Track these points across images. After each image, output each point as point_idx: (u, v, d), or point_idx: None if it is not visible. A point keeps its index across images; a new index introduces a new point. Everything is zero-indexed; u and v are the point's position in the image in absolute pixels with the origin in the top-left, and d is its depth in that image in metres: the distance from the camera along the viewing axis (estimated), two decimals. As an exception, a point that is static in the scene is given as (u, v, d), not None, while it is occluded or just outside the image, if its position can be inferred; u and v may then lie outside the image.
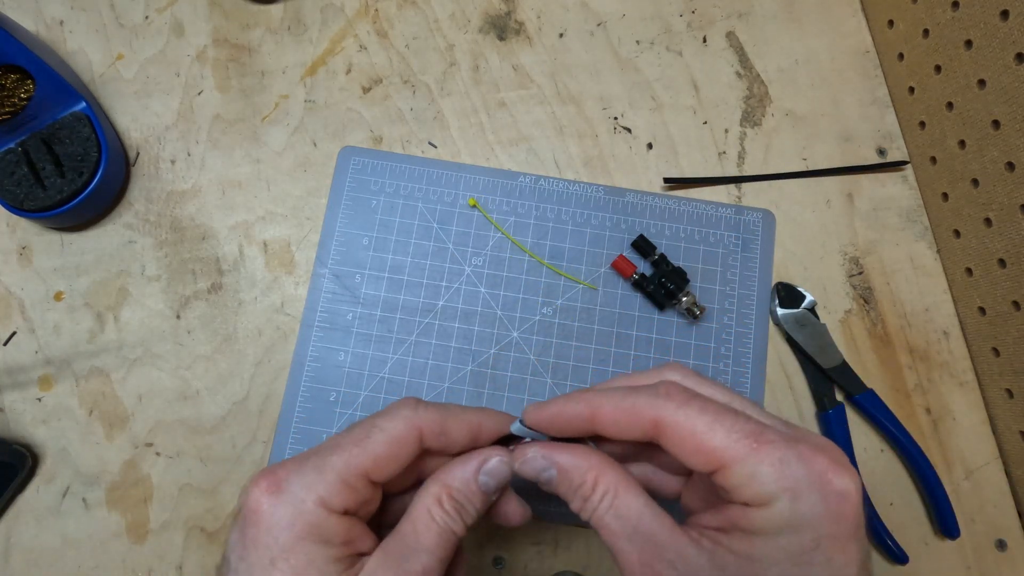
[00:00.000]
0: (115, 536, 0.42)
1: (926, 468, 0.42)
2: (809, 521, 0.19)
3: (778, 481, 0.20)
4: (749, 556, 0.20)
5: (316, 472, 0.22)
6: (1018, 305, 0.41)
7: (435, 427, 0.24)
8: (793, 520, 0.20)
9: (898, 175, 0.48)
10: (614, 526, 0.22)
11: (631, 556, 0.22)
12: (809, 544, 0.19)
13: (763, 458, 0.20)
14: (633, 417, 0.22)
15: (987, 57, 0.40)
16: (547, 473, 0.24)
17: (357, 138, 0.48)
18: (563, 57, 0.50)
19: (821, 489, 0.20)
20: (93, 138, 0.44)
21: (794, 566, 0.19)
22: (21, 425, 0.43)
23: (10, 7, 0.49)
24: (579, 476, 0.23)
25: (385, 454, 0.23)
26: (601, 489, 0.23)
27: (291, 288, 0.46)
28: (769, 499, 0.20)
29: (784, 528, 0.20)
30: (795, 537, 0.19)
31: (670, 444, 0.22)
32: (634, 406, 0.22)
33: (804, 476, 0.20)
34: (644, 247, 0.45)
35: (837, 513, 0.20)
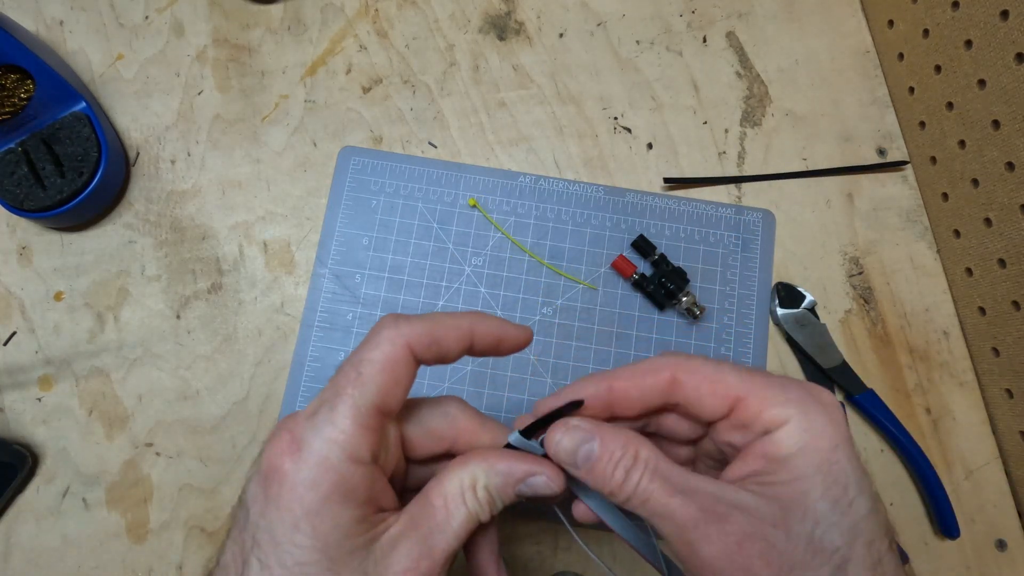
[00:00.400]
0: (115, 536, 0.42)
1: (926, 468, 0.42)
2: (822, 430, 0.22)
3: (787, 402, 0.22)
4: (791, 480, 0.22)
5: (330, 424, 0.21)
6: (1018, 305, 0.41)
7: (424, 339, 0.23)
8: (810, 431, 0.22)
9: (898, 175, 0.48)
10: (663, 490, 0.22)
11: (688, 511, 0.22)
12: (829, 449, 0.22)
13: (769, 386, 0.23)
14: (650, 379, 0.24)
15: (987, 57, 0.40)
16: (589, 445, 0.23)
17: (357, 138, 0.48)
18: (563, 57, 0.50)
19: (819, 403, 0.23)
20: (93, 138, 0.44)
21: (825, 473, 0.21)
22: (21, 425, 0.43)
23: (10, 7, 0.49)
24: (620, 448, 0.23)
25: (386, 382, 0.22)
26: (643, 458, 0.23)
27: (291, 288, 0.46)
28: (785, 418, 0.22)
29: (806, 441, 0.22)
30: (817, 445, 0.22)
31: (687, 395, 0.24)
32: (649, 369, 0.24)
33: (804, 396, 0.23)
34: (644, 247, 0.45)
35: (838, 420, 0.23)
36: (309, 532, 0.20)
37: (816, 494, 0.21)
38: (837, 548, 0.21)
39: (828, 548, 0.21)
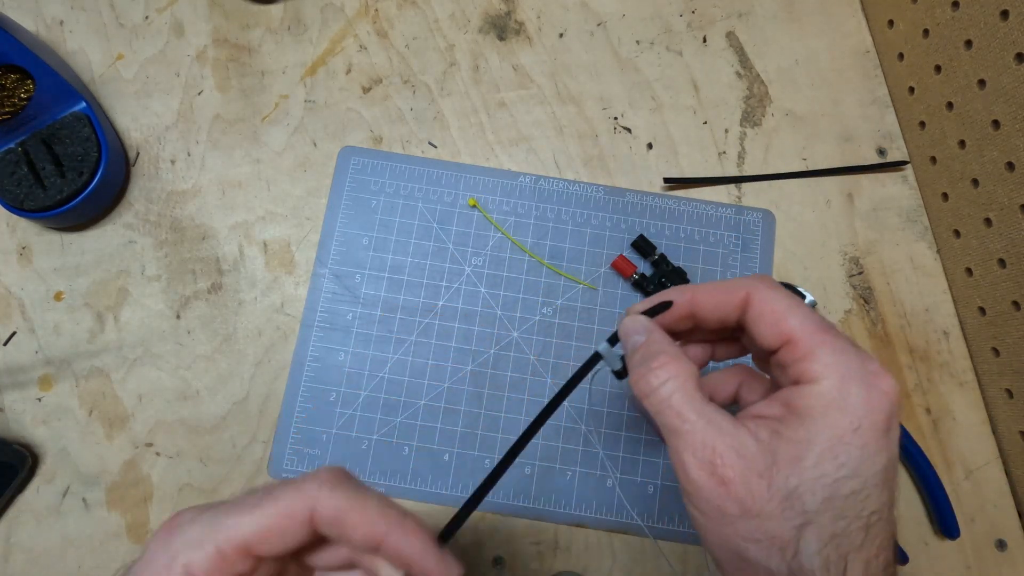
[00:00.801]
0: (115, 536, 0.42)
1: (926, 468, 0.42)
2: (852, 406, 0.22)
3: (832, 364, 0.23)
4: (796, 438, 0.22)
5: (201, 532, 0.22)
6: (1018, 305, 0.41)
7: (331, 513, 0.22)
8: (838, 401, 0.22)
9: (898, 175, 0.48)
10: (680, 405, 0.24)
11: (695, 435, 0.23)
12: (848, 427, 0.22)
13: (825, 343, 0.23)
14: (728, 293, 0.26)
15: (987, 57, 0.40)
16: (636, 337, 0.26)
17: (357, 138, 0.48)
18: (563, 57, 0.50)
19: (867, 382, 0.23)
20: (93, 138, 0.44)
21: (834, 445, 0.22)
22: (21, 425, 0.43)
23: (10, 7, 0.49)
24: (659, 346, 0.25)
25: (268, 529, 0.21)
26: (675, 371, 0.24)
27: (291, 288, 0.46)
28: (821, 376, 0.23)
29: (829, 408, 0.22)
30: (839, 417, 0.22)
31: (752, 316, 0.25)
32: (730, 285, 0.26)
33: (855, 368, 0.23)
34: (644, 247, 0.45)
35: (877, 406, 0.22)
36: None
37: (811, 460, 0.22)
38: (804, 511, 0.22)
39: (797, 507, 0.22)
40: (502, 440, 0.43)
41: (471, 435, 0.43)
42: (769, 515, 0.22)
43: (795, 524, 0.22)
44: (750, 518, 0.22)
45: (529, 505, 0.42)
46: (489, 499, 0.42)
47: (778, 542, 0.22)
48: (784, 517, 0.22)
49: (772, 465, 0.22)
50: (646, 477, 0.43)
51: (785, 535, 0.22)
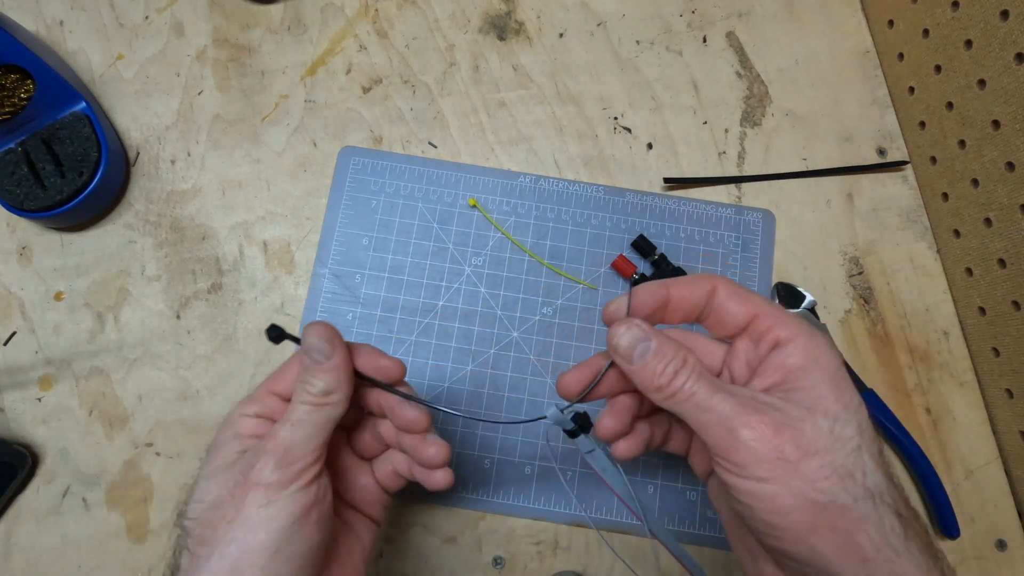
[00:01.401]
0: (115, 536, 0.42)
1: (926, 468, 0.42)
2: (827, 351, 0.26)
3: (794, 325, 0.27)
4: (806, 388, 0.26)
5: (244, 399, 0.30)
6: (1018, 305, 0.41)
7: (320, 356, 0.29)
8: (817, 350, 0.26)
9: (898, 175, 0.48)
10: (707, 389, 0.26)
11: (730, 404, 0.25)
12: (835, 367, 0.26)
13: (781, 311, 0.28)
14: (697, 285, 0.29)
15: (987, 57, 0.40)
16: (644, 344, 0.27)
17: (357, 138, 0.48)
18: (563, 57, 0.50)
19: (821, 335, 0.27)
20: (93, 138, 0.44)
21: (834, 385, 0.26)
22: (21, 425, 0.43)
23: (10, 7, 0.49)
24: (672, 351, 0.27)
25: (278, 375, 0.30)
26: (691, 362, 0.27)
27: (291, 288, 0.46)
28: (793, 335, 0.26)
29: (815, 357, 0.26)
30: (825, 362, 0.26)
31: (720, 301, 0.28)
32: (698, 277, 0.29)
33: (807, 325, 0.27)
34: (644, 247, 0.45)
35: (834, 349, 0.27)
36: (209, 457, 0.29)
37: (831, 399, 0.25)
38: (851, 437, 0.25)
39: (844, 437, 0.25)
40: (502, 440, 0.43)
41: (471, 435, 0.43)
42: (827, 448, 0.24)
43: (850, 449, 0.24)
44: (812, 456, 0.24)
45: (529, 505, 0.42)
46: (489, 499, 0.42)
47: (845, 470, 0.24)
48: (840, 446, 0.24)
49: (808, 412, 0.25)
50: (646, 477, 0.43)
51: (848, 462, 0.24)
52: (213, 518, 0.26)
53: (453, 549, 0.42)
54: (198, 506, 0.27)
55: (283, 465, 0.26)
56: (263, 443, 0.27)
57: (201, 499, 0.27)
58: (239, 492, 0.26)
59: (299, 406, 0.28)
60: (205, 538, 0.26)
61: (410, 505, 0.42)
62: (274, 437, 0.27)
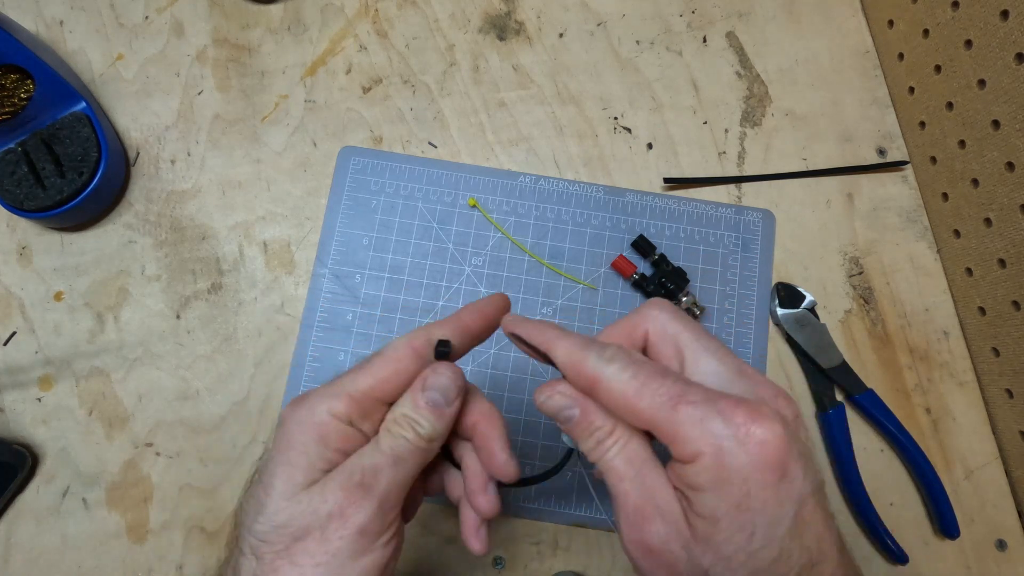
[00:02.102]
0: (115, 536, 0.42)
1: (926, 468, 0.42)
2: (737, 472, 0.21)
3: (700, 438, 0.22)
4: (701, 514, 0.22)
5: (330, 392, 0.26)
6: (1018, 305, 0.41)
7: (422, 340, 0.27)
8: (722, 474, 0.21)
9: (898, 175, 0.48)
10: (622, 470, 0.24)
11: (630, 499, 0.23)
12: (740, 495, 0.21)
13: (683, 419, 0.22)
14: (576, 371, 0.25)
15: (987, 57, 0.40)
16: (569, 411, 0.25)
17: (357, 138, 0.48)
18: (563, 57, 0.50)
19: (742, 441, 0.21)
20: (93, 138, 0.44)
21: (735, 518, 0.21)
22: (21, 425, 0.43)
23: (10, 7, 0.49)
24: (600, 419, 0.25)
25: (385, 374, 0.26)
26: (617, 434, 0.24)
27: (291, 288, 0.46)
28: (696, 455, 0.22)
29: (715, 482, 0.21)
30: (728, 489, 0.21)
31: (605, 405, 0.24)
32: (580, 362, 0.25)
33: (725, 432, 0.21)
34: (644, 247, 0.45)
35: (760, 461, 0.21)
36: (291, 456, 0.25)
37: (722, 536, 0.21)
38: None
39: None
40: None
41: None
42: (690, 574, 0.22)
43: None
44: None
45: (529, 505, 0.42)
46: (489, 499, 0.42)
47: None
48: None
49: (690, 540, 0.22)
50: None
51: None
52: (295, 551, 0.24)
53: (453, 549, 0.42)
54: (275, 528, 0.24)
55: (382, 511, 0.25)
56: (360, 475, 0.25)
57: (280, 522, 0.24)
58: (333, 531, 0.24)
59: (401, 441, 0.26)
60: (280, 570, 0.23)
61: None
62: (376, 473, 0.25)
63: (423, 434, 0.26)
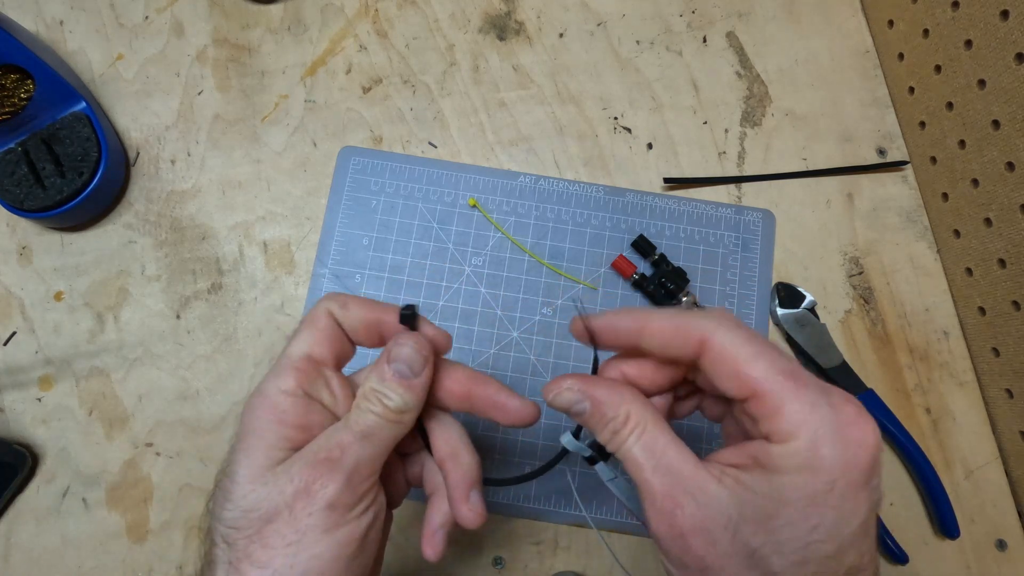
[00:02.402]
0: (115, 536, 0.42)
1: (926, 468, 0.42)
2: (827, 464, 0.21)
3: (804, 421, 0.21)
4: (766, 494, 0.21)
5: (274, 372, 0.26)
6: (1018, 305, 0.41)
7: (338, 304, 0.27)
8: (811, 461, 0.21)
9: (898, 175, 0.48)
10: (641, 459, 0.23)
11: (654, 487, 0.23)
12: (823, 487, 0.21)
13: (796, 396, 0.21)
14: (681, 333, 0.24)
15: (987, 57, 0.40)
16: (580, 405, 0.25)
17: (357, 138, 0.48)
18: (563, 57, 0.50)
19: (842, 436, 0.21)
20: (93, 138, 0.44)
21: (806, 507, 0.21)
22: (21, 425, 0.43)
23: (10, 7, 0.49)
24: (612, 410, 0.24)
25: (314, 337, 0.27)
26: (632, 423, 0.24)
27: (291, 288, 0.46)
28: (791, 436, 0.21)
29: (802, 467, 0.21)
30: (811, 478, 0.21)
31: (711, 365, 0.23)
32: (685, 323, 0.24)
33: (829, 421, 0.21)
34: (644, 247, 0.45)
35: (853, 461, 0.21)
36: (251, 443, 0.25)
37: (781, 521, 0.21)
38: (772, 573, 0.21)
39: (762, 567, 0.21)
40: (501, 440, 0.43)
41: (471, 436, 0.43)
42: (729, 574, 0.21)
43: None
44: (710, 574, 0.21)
45: (529, 505, 0.42)
46: (489, 499, 0.42)
47: None
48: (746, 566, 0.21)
49: (737, 519, 0.21)
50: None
51: None
52: (265, 533, 0.23)
53: (453, 549, 0.42)
54: (243, 513, 0.24)
55: (351, 484, 0.24)
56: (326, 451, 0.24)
57: (247, 507, 0.24)
58: (300, 508, 0.23)
59: (369, 416, 0.25)
60: (253, 555, 0.23)
61: (409, 505, 0.42)
62: (342, 449, 0.24)
63: (392, 406, 0.25)
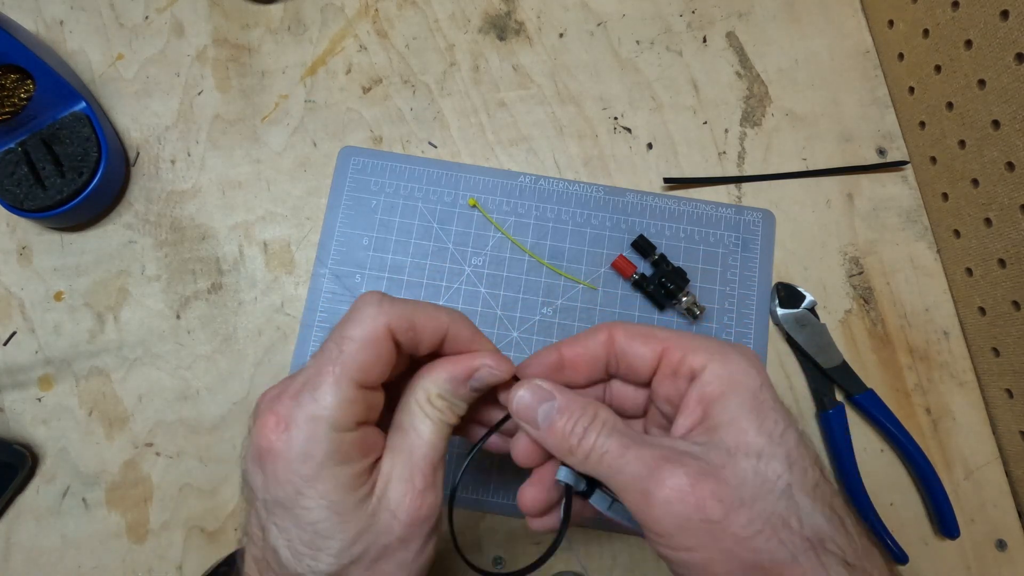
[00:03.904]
0: (115, 536, 0.42)
1: (926, 468, 0.42)
2: (745, 371, 0.24)
3: (706, 349, 0.25)
4: (726, 423, 0.23)
5: (313, 402, 0.23)
6: (1018, 305, 0.41)
7: (403, 323, 0.25)
8: (733, 372, 0.24)
9: (898, 175, 0.48)
10: (619, 445, 0.24)
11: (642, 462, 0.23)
12: (756, 388, 0.24)
13: (691, 338, 0.26)
14: (591, 341, 0.27)
15: (987, 57, 0.40)
16: (548, 404, 0.25)
17: (357, 138, 0.48)
18: (563, 57, 0.50)
19: (736, 351, 0.25)
20: (93, 138, 0.44)
21: (757, 411, 0.23)
22: (21, 425, 0.43)
23: (10, 7, 0.49)
24: (580, 408, 0.25)
25: (367, 359, 0.24)
26: (601, 417, 0.25)
27: (291, 288, 0.46)
28: (706, 361, 0.24)
29: (733, 381, 0.24)
30: (744, 385, 0.24)
31: (622, 347, 0.27)
32: (588, 333, 0.28)
33: (721, 345, 0.25)
34: (644, 247, 0.45)
35: (757, 365, 0.25)
36: (314, 495, 0.22)
37: (753, 431, 0.23)
38: (779, 475, 0.22)
39: (772, 476, 0.22)
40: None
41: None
42: (753, 496, 0.22)
43: (780, 491, 0.22)
44: (738, 509, 0.21)
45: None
46: (489, 499, 0.42)
47: (778, 519, 0.21)
48: (767, 490, 0.22)
49: (728, 454, 0.23)
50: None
51: (780, 508, 0.22)
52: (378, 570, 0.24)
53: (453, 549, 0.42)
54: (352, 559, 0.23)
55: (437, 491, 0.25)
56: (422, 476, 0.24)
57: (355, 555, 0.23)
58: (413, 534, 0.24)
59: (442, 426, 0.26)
60: None
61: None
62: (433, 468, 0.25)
63: (459, 413, 0.27)
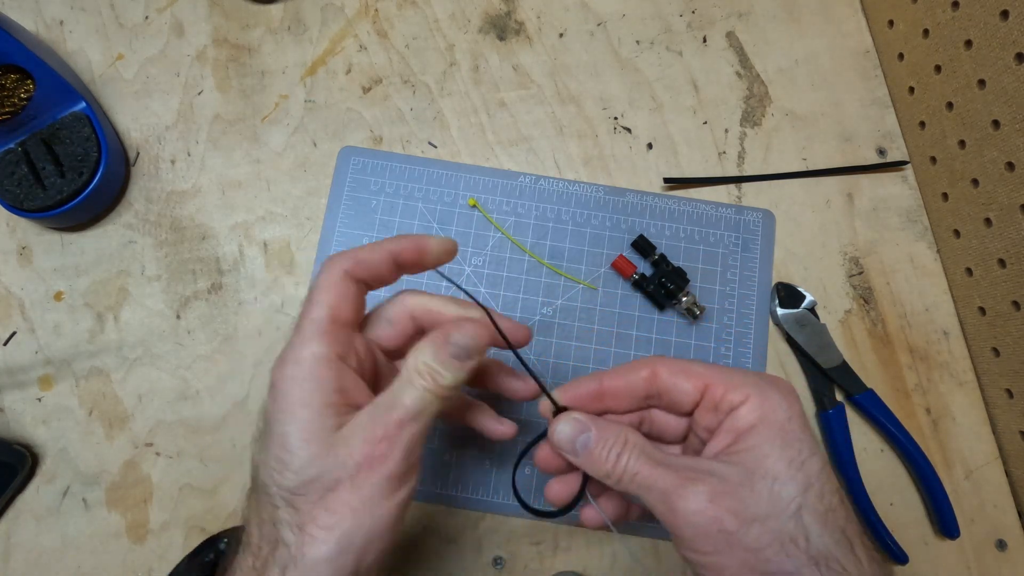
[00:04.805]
0: (115, 536, 0.42)
1: (926, 468, 0.42)
2: (777, 405, 0.26)
3: (746, 384, 0.27)
4: (751, 447, 0.26)
5: (300, 342, 0.27)
6: (1018, 305, 0.41)
7: (351, 262, 0.29)
8: (766, 406, 0.26)
9: (898, 175, 0.48)
10: (648, 465, 0.26)
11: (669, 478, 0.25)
12: (784, 420, 0.26)
13: (732, 374, 0.28)
14: (633, 374, 0.29)
15: (987, 57, 0.40)
16: (585, 435, 0.28)
17: (357, 138, 0.48)
18: (563, 57, 0.50)
19: (773, 385, 0.27)
20: (93, 138, 0.44)
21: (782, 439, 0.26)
22: (21, 425, 0.43)
23: (10, 7, 0.49)
24: (612, 435, 0.27)
25: (332, 298, 0.28)
26: (632, 442, 0.27)
27: (291, 288, 0.46)
28: (745, 397, 0.26)
29: (764, 414, 0.26)
30: (774, 417, 0.26)
31: (665, 383, 0.29)
32: (631, 367, 0.29)
33: (760, 380, 0.27)
34: (644, 247, 0.45)
35: (790, 398, 0.27)
36: (293, 412, 0.26)
37: (774, 456, 0.25)
38: (792, 498, 0.24)
39: (786, 498, 0.24)
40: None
41: (471, 436, 0.43)
42: (767, 514, 0.24)
43: (791, 512, 0.24)
44: (751, 524, 0.24)
45: (529, 505, 0.42)
46: (489, 499, 0.42)
47: (788, 534, 0.24)
48: (779, 510, 0.24)
49: (748, 475, 0.25)
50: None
51: (789, 527, 0.24)
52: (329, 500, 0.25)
53: (453, 549, 0.42)
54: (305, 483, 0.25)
55: (407, 457, 0.26)
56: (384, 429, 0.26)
57: (309, 477, 0.25)
58: (363, 479, 0.25)
59: (423, 393, 0.27)
60: (318, 518, 0.25)
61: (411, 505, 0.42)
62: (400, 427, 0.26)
63: (444, 384, 0.27)
